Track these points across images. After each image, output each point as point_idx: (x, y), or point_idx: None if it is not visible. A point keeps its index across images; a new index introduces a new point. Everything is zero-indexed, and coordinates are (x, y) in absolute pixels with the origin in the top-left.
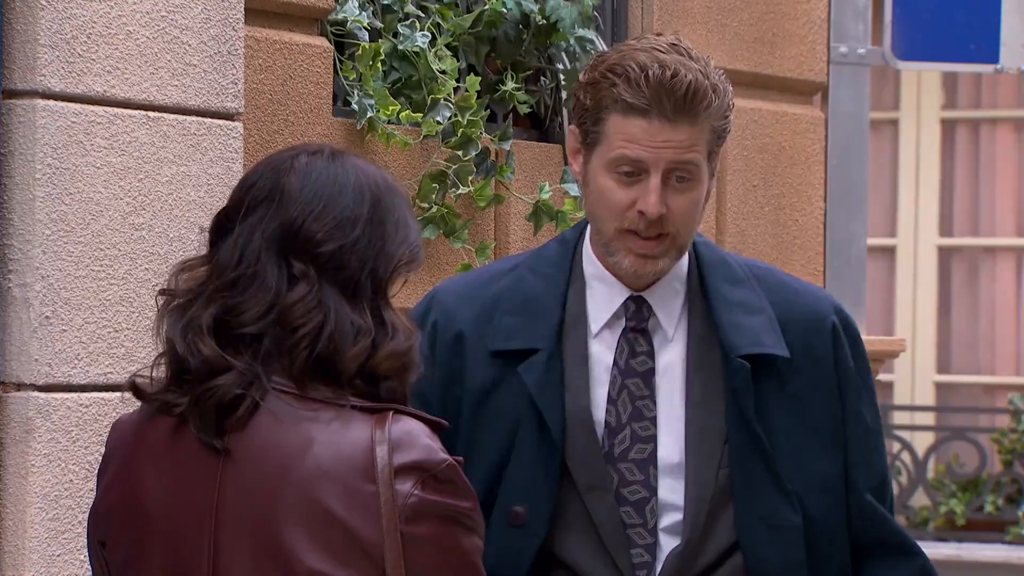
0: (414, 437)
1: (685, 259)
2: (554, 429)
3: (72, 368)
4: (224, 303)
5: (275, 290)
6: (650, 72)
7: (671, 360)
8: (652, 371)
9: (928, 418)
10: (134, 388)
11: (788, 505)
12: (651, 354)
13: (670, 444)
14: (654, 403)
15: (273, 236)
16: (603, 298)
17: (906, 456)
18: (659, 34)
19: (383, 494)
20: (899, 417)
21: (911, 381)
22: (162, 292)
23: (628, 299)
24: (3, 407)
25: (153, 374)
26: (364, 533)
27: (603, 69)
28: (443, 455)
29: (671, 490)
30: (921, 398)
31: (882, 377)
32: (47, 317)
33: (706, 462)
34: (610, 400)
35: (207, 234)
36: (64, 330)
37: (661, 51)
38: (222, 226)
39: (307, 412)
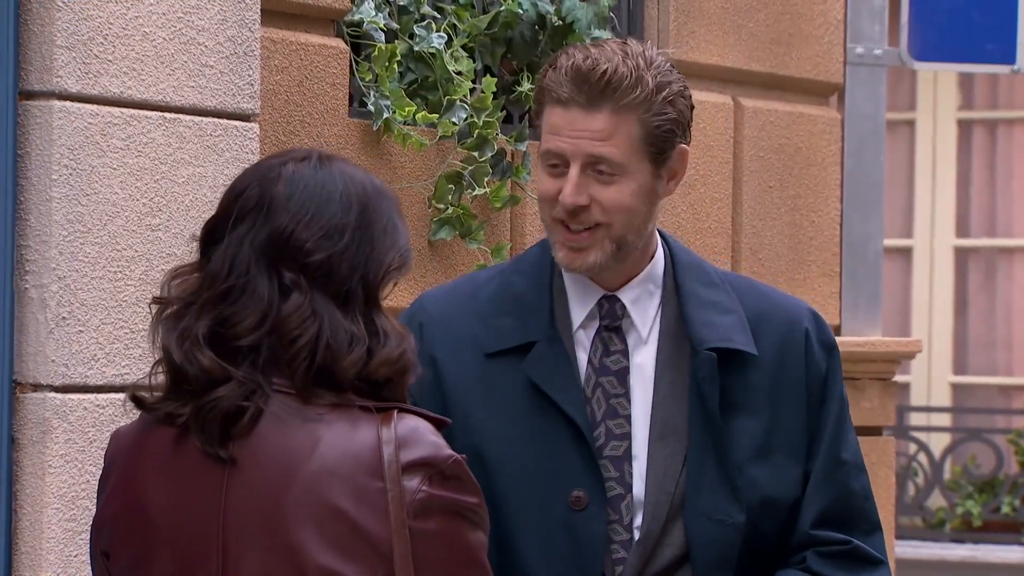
0: (420, 434)
1: (660, 261)
2: (574, 411)
3: (89, 369)
4: (217, 314)
5: (267, 300)
6: (573, 62)
7: (645, 359)
8: (627, 370)
9: (944, 419)
10: (134, 399)
11: (734, 502)
12: (626, 353)
13: (643, 441)
14: (629, 401)
15: (263, 246)
16: (578, 298)
17: (922, 457)
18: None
19: (391, 490)
20: (915, 418)
21: (927, 382)
22: (155, 300)
23: (601, 298)
24: (20, 408)
25: (151, 382)
26: (373, 529)
27: (547, 65)
28: (448, 451)
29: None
30: (937, 399)
31: (898, 378)
32: (64, 318)
33: (670, 456)
34: (584, 398)
35: (197, 242)
36: (81, 331)
37: (600, 47)
38: (212, 235)
39: (312, 413)
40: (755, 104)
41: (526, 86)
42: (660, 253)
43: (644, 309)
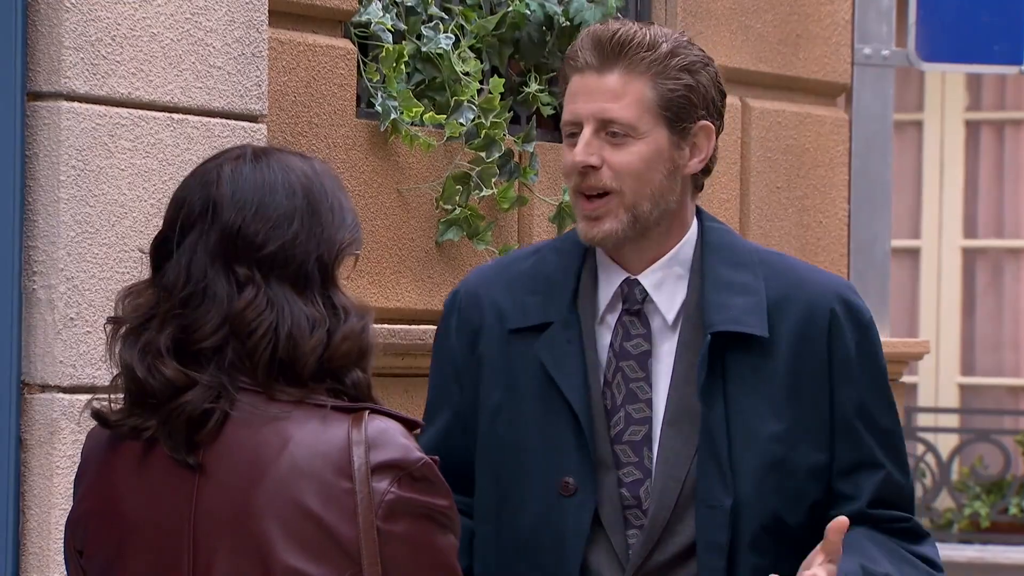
0: (390, 436)
1: (691, 243)
2: (573, 396)
3: (96, 370)
4: (179, 323)
5: (226, 300)
6: (592, 31)
7: (670, 343)
8: (648, 353)
9: (952, 420)
10: (96, 415)
11: (722, 486)
12: (648, 337)
13: (661, 426)
14: (649, 385)
15: (215, 249)
16: (605, 282)
17: (930, 458)
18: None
19: (360, 492)
20: (923, 419)
21: (935, 383)
22: (110, 320)
23: (623, 282)
24: (27, 408)
25: (111, 396)
26: (341, 530)
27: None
28: (419, 454)
29: None
30: (945, 400)
31: (906, 379)
32: (71, 319)
33: (684, 443)
34: (605, 382)
35: (148, 258)
36: (88, 332)
37: (622, 21)
38: (162, 249)
39: (281, 412)
40: (762, 105)
41: (533, 87)
42: (692, 235)
43: (670, 293)
